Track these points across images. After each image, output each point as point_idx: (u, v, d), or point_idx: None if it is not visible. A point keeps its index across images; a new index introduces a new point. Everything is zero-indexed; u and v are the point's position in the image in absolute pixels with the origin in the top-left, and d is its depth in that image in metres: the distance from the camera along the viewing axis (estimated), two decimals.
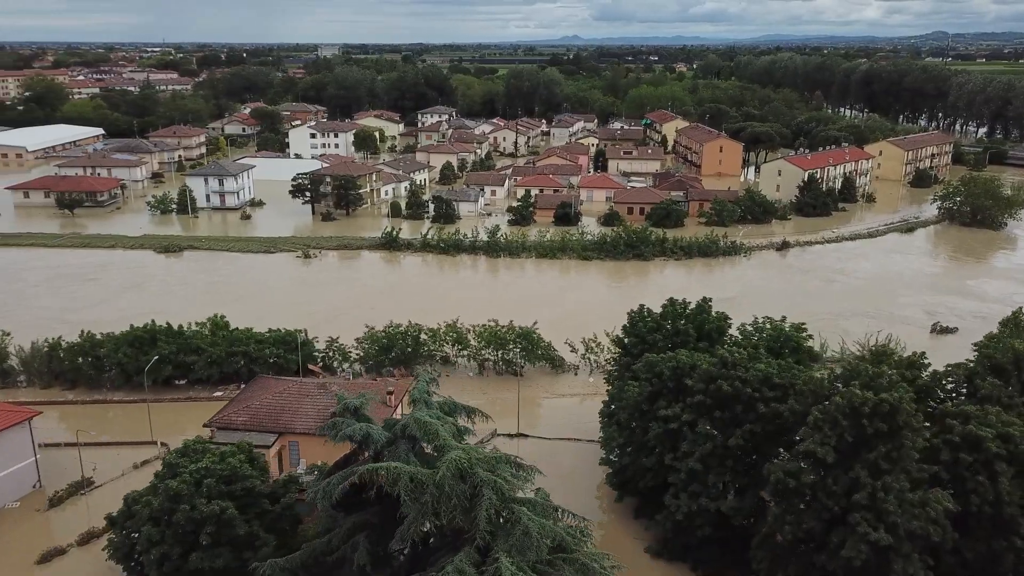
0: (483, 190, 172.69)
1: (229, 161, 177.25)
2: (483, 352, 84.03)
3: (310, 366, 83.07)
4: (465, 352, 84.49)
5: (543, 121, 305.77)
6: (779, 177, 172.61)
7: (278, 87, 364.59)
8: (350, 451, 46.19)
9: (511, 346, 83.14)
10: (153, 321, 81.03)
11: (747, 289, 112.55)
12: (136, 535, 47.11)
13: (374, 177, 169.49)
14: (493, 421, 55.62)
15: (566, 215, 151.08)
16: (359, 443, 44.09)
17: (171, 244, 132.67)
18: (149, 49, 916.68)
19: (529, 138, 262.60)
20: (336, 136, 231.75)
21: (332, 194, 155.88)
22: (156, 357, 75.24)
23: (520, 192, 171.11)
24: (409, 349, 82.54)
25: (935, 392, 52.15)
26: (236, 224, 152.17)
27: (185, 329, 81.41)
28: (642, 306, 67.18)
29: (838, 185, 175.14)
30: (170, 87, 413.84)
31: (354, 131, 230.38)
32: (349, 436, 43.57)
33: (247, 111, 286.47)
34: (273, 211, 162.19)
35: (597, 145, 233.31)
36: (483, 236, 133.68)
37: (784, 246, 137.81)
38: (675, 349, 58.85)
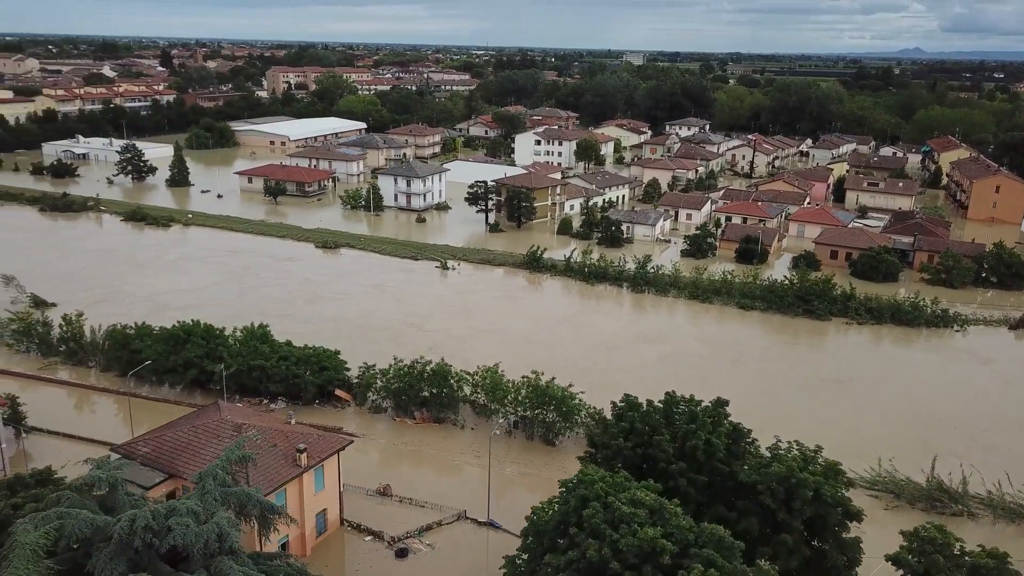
0: (672, 213, 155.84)
1: (420, 163, 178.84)
2: (519, 409, 71.74)
3: (338, 391, 77.30)
4: (501, 406, 72.57)
5: (805, 140, 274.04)
6: None
7: (541, 91, 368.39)
8: None
9: (549, 409, 69.90)
10: (195, 321, 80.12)
11: (909, 376, 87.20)
12: None
13: (558, 190, 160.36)
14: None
15: (749, 251, 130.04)
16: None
17: (330, 240, 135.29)
18: (475, 53, 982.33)
19: (776, 158, 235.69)
20: (560, 144, 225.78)
21: (504, 205, 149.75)
22: (150, 361, 74.76)
23: (721, 219, 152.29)
24: (435, 391, 72.87)
25: None
26: (409, 226, 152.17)
27: (228, 334, 79.54)
28: (627, 397, 51.22)
29: None
30: (453, 87, 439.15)
31: (576, 140, 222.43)
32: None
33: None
34: (453, 217, 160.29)
35: (848, 172, 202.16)
36: (630, 266, 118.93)
37: (1022, 324, 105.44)
38: (647, 465, 43.37)
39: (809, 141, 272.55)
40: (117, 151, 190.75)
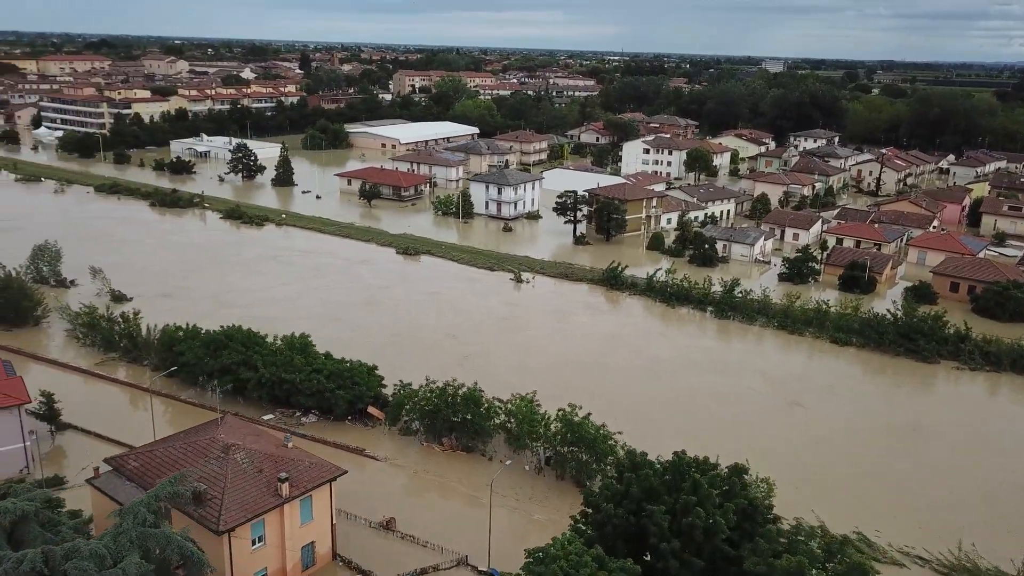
0: (776, 232, 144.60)
1: (514, 170, 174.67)
2: (551, 444, 65.94)
3: (370, 408, 74.25)
4: (532, 440, 66.89)
5: (947, 156, 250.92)
6: None
7: (662, 98, 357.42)
8: None
9: (582, 448, 63.83)
10: (236, 326, 79.16)
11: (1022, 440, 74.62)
12: None
13: (654, 203, 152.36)
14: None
15: (854, 279, 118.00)
16: None
17: (411, 247, 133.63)
18: (608, 58, 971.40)
19: (909, 175, 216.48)
20: (669, 153, 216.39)
21: (592, 217, 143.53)
22: (176, 367, 74.57)
23: (831, 240, 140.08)
24: (465, 417, 68.25)
25: None
26: (495, 235, 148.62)
27: (269, 341, 78.13)
28: (632, 453, 44.80)
29: None
30: (576, 93, 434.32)
31: (687, 150, 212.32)
32: None
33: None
34: (542, 227, 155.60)
35: (988, 193, 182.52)
36: (716, 288, 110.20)
37: None
38: (640, 538, 37.20)
39: (951, 157, 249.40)
40: (229, 150, 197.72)
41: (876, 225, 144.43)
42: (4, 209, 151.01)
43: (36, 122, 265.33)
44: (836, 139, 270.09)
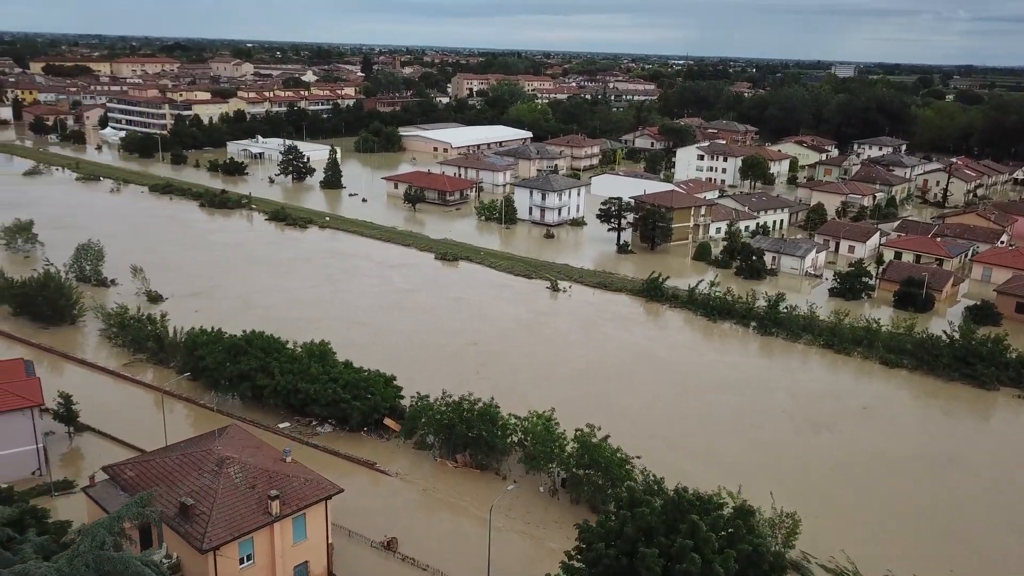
0: (830, 244, 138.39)
1: (558, 176, 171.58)
2: (567, 466, 62.98)
3: (387, 420, 72.50)
4: (547, 462, 63.96)
5: (1022, 166, 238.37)
6: None
7: (722, 103, 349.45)
8: None
9: (596, 473, 60.75)
10: (254, 331, 78.32)
11: None
12: None
13: (702, 211, 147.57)
14: None
15: (910, 296, 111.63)
16: None
17: (450, 252, 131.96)
18: (671, 63, 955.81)
19: (980, 186, 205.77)
20: (724, 160, 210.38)
21: (637, 225, 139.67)
22: (188, 374, 73.94)
23: (889, 254, 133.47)
24: (478, 433, 65.78)
25: None
26: (536, 241, 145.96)
27: (289, 347, 77.11)
28: (631, 487, 41.72)
29: None
30: (635, 97, 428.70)
31: (743, 157, 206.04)
32: None
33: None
34: (585, 235, 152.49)
35: None
36: (761, 303, 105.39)
37: None
38: None
39: None
40: (280, 152, 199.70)
41: (939, 239, 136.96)
42: (60, 207, 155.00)
43: (103, 122, 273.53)
44: (903, 147, 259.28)
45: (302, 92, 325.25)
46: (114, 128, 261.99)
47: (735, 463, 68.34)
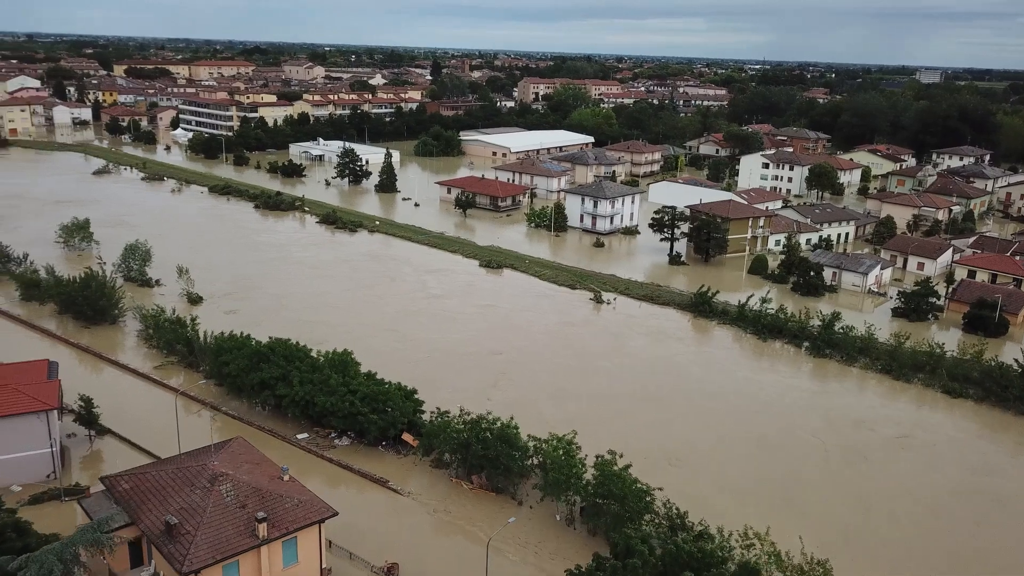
0: (897, 260, 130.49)
1: (612, 183, 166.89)
2: (585, 494, 59.36)
3: (404, 435, 70.22)
4: (563, 490, 60.36)
5: None
6: None
7: (793, 110, 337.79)
8: None
9: (614, 503, 56.96)
10: (275, 339, 77.01)
11: None
12: None
13: (760, 222, 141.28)
14: None
15: (982, 319, 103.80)
16: None
17: (494, 260, 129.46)
18: (747, 67, 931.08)
19: None
20: (790, 169, 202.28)
21: (691, 236, 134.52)
22: (203, 381, 72.29)
23: (962, 272, 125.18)
24: (495, 454, 62.70)
25: None
26: (586, 250, 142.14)
27: (314, 356, 75.60)
28: (627, 535, 38.09)
29: None
30: (705, 103, 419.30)
31: (810, 166, 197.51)
32: None
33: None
34: (637, 244, 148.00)
35: None
36: (815, 322, 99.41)
37: None
38: None
39: None
40: (337, 154, 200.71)
41: (1018, 257, 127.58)
42: (120, 206, 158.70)
43: (175, 123, 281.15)
44: (987, 158, 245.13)
45: (366, 95, 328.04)
46: (184, 129, 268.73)
47: (765, 495, 63.94)
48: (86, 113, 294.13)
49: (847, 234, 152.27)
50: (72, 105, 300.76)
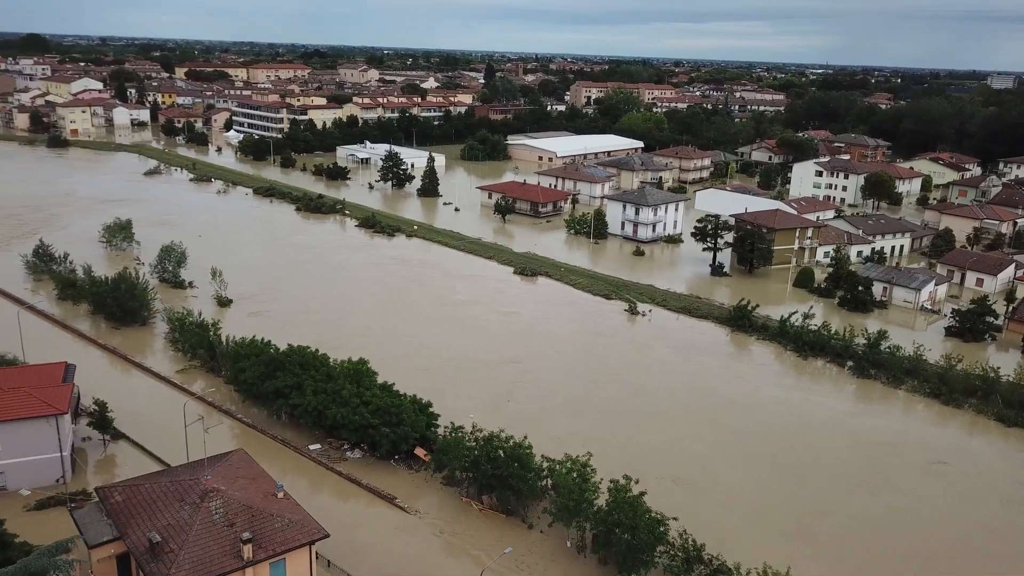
0: (954, 276, 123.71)
1: (655, 190, 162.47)
2: (595, 522, 56.23)
3: (417, 450, 68.23)
4: (575, 516, 57.31)
5: None
6: None
7: (852, 116, 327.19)
8: None
9: (625, 532, 53.82)
10: (296, 345, 75.74)
11: None
12: None
13: (808, 233, 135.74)
14: None
15: None
16: None
17: (528, 267, 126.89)
18: (809, 71, 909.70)
19: None
20: (845, 177, 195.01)
21: (735, 247, 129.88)
22: (214, 388, 69.95)
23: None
24: (506, 474, 60.11)
25: None
26: (625, 259, 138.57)
27: (332, 366, 74.15)
28: None
29: None
30: (762, 108, 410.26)
31: (866, 174, 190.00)
32: None
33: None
34: (679, 253, 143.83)
35: None
36: (860, 340, 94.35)
37: None
38: None
39: None
40: (381, 158, 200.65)
41: None
42: (166, 207, 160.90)
43: (228, 125, 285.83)
44: None
45: (415, 99, 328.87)
46: (236, 131, 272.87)
47: (789, 526, 59.93)
48: (144, 114, 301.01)
49: (902, 247, 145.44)
50: (131, 106, 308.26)
